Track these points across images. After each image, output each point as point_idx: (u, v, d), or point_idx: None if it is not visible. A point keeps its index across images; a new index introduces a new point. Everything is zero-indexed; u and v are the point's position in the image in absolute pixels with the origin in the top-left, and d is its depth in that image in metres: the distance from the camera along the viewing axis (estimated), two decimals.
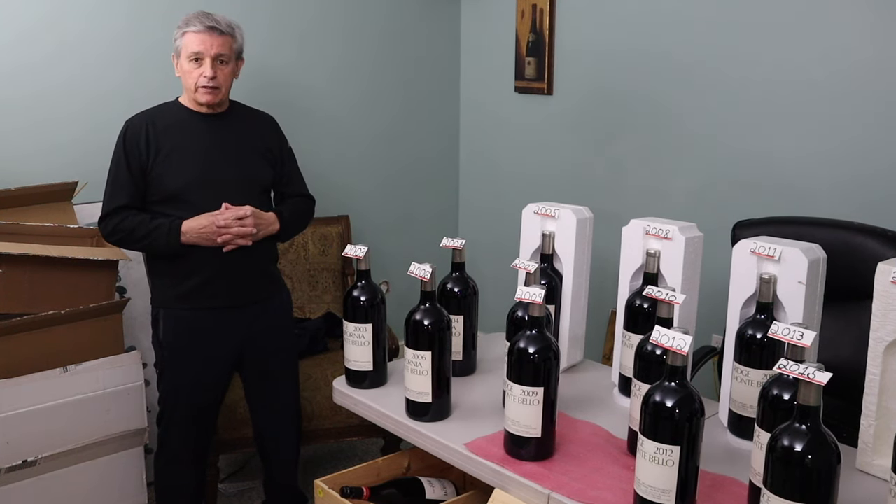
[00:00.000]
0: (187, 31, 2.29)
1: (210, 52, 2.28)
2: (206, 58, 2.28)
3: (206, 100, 2.33)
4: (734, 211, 2.64)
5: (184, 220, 2.28)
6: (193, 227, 2.28)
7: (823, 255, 1.66)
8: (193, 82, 2.30)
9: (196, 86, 2.30)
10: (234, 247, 2.32)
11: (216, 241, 2.29)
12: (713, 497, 1.50)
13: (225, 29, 2.31)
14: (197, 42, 2.28)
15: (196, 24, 2.28)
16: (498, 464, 1.62)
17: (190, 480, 2.52)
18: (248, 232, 2.31)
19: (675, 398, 1.35)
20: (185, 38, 2.29)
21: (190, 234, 2.28)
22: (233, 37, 2.34)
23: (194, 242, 2.29)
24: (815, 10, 2.60)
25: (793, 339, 1.37)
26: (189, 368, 2.41)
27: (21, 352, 2.30)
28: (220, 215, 2.28)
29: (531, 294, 1.58)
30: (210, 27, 2.28)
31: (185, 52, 2.29)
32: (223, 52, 2.30)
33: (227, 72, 2.34)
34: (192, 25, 2.29)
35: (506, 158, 3.70)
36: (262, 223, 2.36)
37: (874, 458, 1.57)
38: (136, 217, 2.30)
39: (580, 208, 1.99)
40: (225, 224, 2.28)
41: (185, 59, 2.30)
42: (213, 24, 2.29)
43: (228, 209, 2.30)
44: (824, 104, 2.62)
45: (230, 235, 2.29)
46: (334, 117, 3.47)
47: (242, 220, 2.30)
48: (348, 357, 1.97)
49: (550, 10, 3.35)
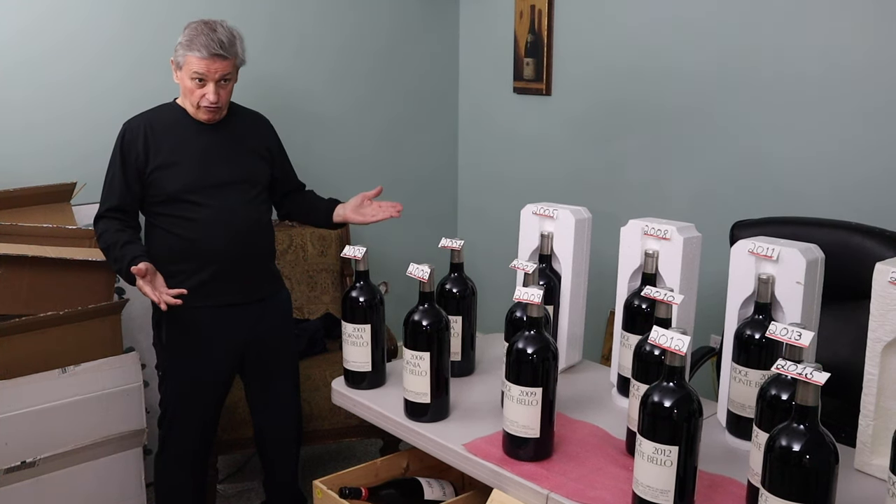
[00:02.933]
0: (190, 55, 2.23)
1: (213, 76, 2.25)
2: (209, 82, 2.25)
3: (206, 118, 2.33)
4: (732, 211, 2.65)
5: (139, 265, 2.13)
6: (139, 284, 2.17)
7: (821, 255, 1.66)
8: (196, 101, 2.29)
9: (198, 104, 2.29)
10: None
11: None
12: (711, 497, 1.50)
13: (228, 52, 2.25)
14: (201, 67, 2.23)
15: (201, 49, 2.21)
16: (496, 464, 1.62)
17: (190, 481, 2.52)
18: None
19: (674, 398, 1.35)
20: (187, 58, 2.24)
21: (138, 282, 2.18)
22: (236, 56, 2.30)
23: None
24: (813, 10, 2.60)
25: (791, 339, 1.38)
26: (191, 370, 2.41)
27: (20, 353, 2.29)
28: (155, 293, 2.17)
29: (530, 294, 1.58)
30: (214, 54, 2.22)
31: (188, 71, 2.25)
32: (227, 73, 2.28)
33: (229, 89, 2.33)
34: (197, 50, 2.21)
35: (504, 159, 3.70)
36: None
37: (872, 458, 1.57)
38: (115, 234, 2.26)
39: (579, 209, 2.00)
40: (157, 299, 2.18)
41: (186, 76, 2.26)
42: (218, 50, 2.22)
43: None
44: (823, 105, 2.62)
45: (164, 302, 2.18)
46: (333, 118, 3.47)
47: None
48: (347, 358, 1.97)
49: (549, 11, 3.35)
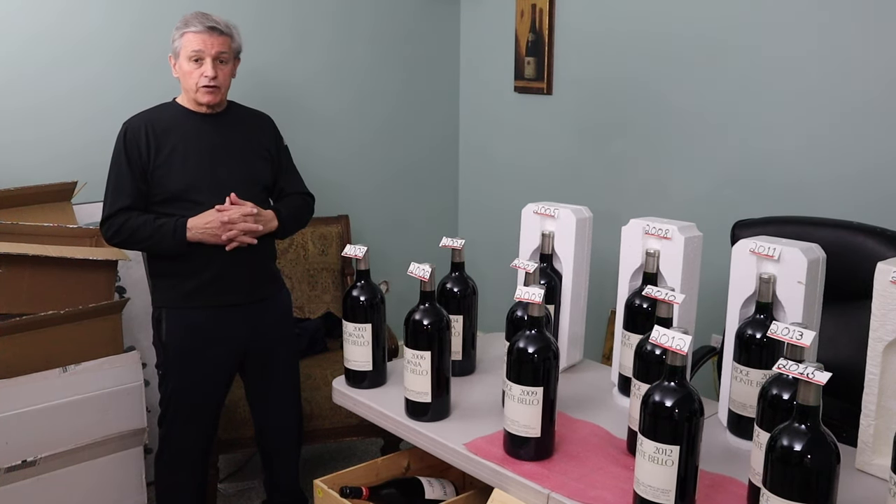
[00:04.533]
0: (187, 32, 2.29)
1: (210, 51, 2.29)
2: (206, 57, 2.29)
3: (207, 100, 2.33)
4: (734, 210, 2.64)
5: (189, 218, 2.28)
6: (198, 224, 2.28)
7: (823, 254, 1.66)
8: (194, 82, 2.31)
9: (197, 86, 2.31)
10: (237, 245, 2.32)
11: (221, 238, 2.29)
12: (712, 497, 1.50)
13: (224, 29, 2.33)
14: (197, 42, 2.28)
15: (196, 24, 2.29)
16: (497, 464, 1.62)
17: (191, 481, 2.52)
18: (253, 229, 2.32)
19: (675, 398, 1.35)
20: (184, 38, 2.30)
21: (195, 231, 2.28)
22: (231, 37, 2.35)
23: (199, 240, 2.29)
24: (815, 8, 2.60)
25: (792, 338, 1.37)
26: (192, 368, 2.41)
27: (20, 352, 2.30)
28: (226, 211, 2.29)
29: (530, 294, 1.58)
30: (210, 27, 2.29)
31: (185, 53, 2.29)
32: (223, 51, 2.31)
33: (226, 71, 2.35)
34: (192, 26, 2.29)
35: (505, 158, 3.70)
36: (263, 220, 2.37)
37: (873, 458, 1.57)
38: (139, 217, 2.30)
39: (579, 208, 1.99)
40: (230, 220, 2.28)
41: (184, 60, 2.30)
42: (213, 24, 2.30)
43: (233, 204, 2.30)
44: (824, 104, 2.62)
45: (235, 232, 2.29)
46: (334, 117, 3.47)
47: (246, 216, 2.30)
48: (348, 357, 1.97)
49: (550, 10, 3.35)
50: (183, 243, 2.28)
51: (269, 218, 2.40)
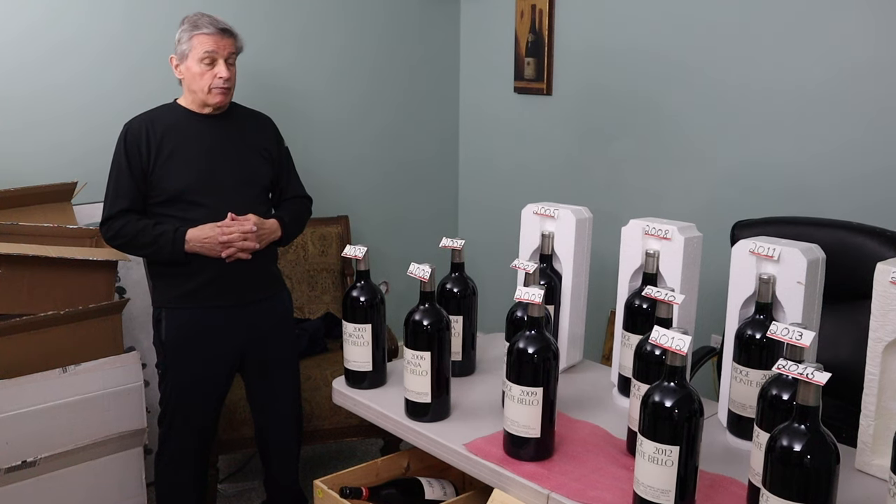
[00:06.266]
0: (197, 34, 2.29)
1: (223, 53, 2.30)
2: (219, 59, 2.30)
3: (219, 101, 2.34)
4: (733, 211, 2.65)
5: (188, 229, 2.28)
6: (197, 237, 2.28)
7: (822, 255, 1.66)
8: (206, 84, 2.31)
9: (210, 87, 2.31)
10: (235, 259, 2.33)
11: (219, 253, 2.30)
12: (712, 497, 1.50)
13: (233, 30, 2.35)
14: (210, 43, 2.29)
15: (207, 26, 2.29)
16: (497, 464, 1.62)
17: (191, 481, 2.52)
18: (251, 247, 2.33)
19: (675, 398, 1.35)
20: (194, 40, 2.29)
21: (194, 243, 2.28)
22: (237, 37, 2.37)
23: (197, 251, 2.29)
24: (814, 10, 2.60)
25: (792, 339, 1.37)
26: (192, 368, 2.41)
27: (20, 352, 2.30)
28: (226, 228, 2.29)
29: (530, 294, 1.58)
30: (222, 29, 2.31)
31: (196, 54, 2.29)
32: (233, 52, 2.34)
33: (234, 72, 2.37)
34: (204, 28, 2.29)
35: (505, 159, 3.70)
36: (265, 233, 2.37)
37: (873, 458, 1.57)
38: (138, 223, 2.30)
39: (579, 208, 1.99)
40: (228, 240, 2.29)
41: (194, 61, 2.30)
42: (224, 26, 2.32)
43: (234, 221, 2.30)
44: (823, 105, 2.62)
45: (234, 249, 2.30)
46: (334, 118, 3.47)
47: (246, 234, 2.31)
48: (348, 357, 1.97)
49: (550, 11, 3.35)
50: (181, 254, 2.29)
51: (272, 230, 2.40)
